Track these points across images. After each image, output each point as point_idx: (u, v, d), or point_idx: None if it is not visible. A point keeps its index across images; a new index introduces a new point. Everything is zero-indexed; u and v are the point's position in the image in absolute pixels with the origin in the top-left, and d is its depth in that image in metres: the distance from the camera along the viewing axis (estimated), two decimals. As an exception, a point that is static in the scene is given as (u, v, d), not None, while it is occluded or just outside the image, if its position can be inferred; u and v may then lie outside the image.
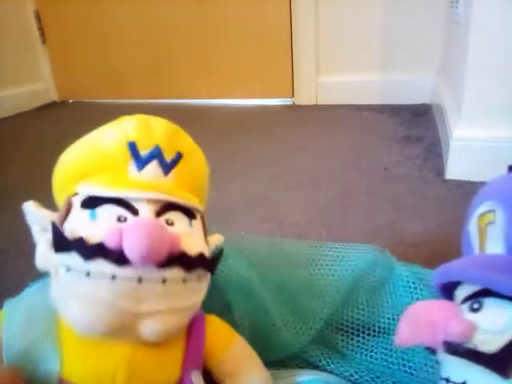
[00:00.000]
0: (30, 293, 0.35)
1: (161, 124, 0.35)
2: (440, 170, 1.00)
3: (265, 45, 1.72)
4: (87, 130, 0.36)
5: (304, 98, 1.72)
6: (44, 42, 1.97)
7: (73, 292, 0.30)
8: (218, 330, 0.37)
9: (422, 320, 0.27)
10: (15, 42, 1.86)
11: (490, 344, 0.24)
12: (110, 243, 0.29)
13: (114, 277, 0.29)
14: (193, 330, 0.35)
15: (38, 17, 1.93)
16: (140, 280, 0.30)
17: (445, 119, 1.10)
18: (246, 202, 0.92)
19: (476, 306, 0.26)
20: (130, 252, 0.28)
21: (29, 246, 0.33)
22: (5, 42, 1.80)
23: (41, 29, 1.95)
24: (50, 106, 1.99)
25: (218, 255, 0.35)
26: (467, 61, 0.89)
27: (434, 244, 0.72)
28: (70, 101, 2.04)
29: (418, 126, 1.36)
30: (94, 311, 0.29)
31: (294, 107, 1.72)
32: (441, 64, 1.52)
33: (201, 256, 0.33)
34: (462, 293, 0.29)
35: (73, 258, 0.30)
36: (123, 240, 0.29)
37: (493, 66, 0.88)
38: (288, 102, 1.76)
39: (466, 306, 0.27)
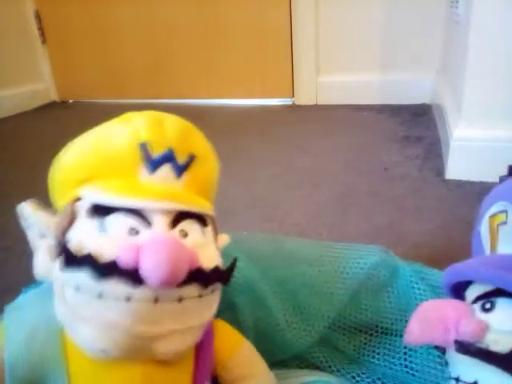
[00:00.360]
0: (28, 303, 0.32)
1: (173, 122, 0.33)
2: (440, 170, 1.00)
3: (265, 45, 1.72)
4: (87, 130, 0.34)
5: (304, 97, 1.72)
6: (44, 42, 1.97)
7: (83, 314, 0.28)
8: (224, 337, 0.36)
9: (433, 318, 0.26)
10: (15, 42, 1.86)
11: (502, 344, 0.24)
12: (125, 261, 0.27)
13: (128, 298, 0.27)
14: (202, 341, 0.33)
15: (38, 17, 1.93)
16: (156, 300, 0.28)
17: (445, 119, 1.10)
18: (246, 202, 0.92)
19: (488, 305, 0.26)
20: (150, 276, 0.27)
21: (30, 246, 0.32)
22: (5, 42, 1.80)
23: (41, 29, 1.95)
24: (50, 106, 1.99)
25: (231, 266, 0.33)
26: (467, 61, 0.90)
27: (434, 244, 0.72)
28: (70, 101, 2.04)
29: (417, 126, 1.36)
30: (107, 336, 0.27)
31: (293, 107, 1.72)
32: (441, 64, 1.52)
33: (216, 270, 0.31)
34: (472, 293, 0.28)
35: (82, 277, 0.27)
36: (141, 263, 0.27)
37: (493, 66, 0.88)
38: (288, 101, 1.76)
39: (477, 306, 0.27)
